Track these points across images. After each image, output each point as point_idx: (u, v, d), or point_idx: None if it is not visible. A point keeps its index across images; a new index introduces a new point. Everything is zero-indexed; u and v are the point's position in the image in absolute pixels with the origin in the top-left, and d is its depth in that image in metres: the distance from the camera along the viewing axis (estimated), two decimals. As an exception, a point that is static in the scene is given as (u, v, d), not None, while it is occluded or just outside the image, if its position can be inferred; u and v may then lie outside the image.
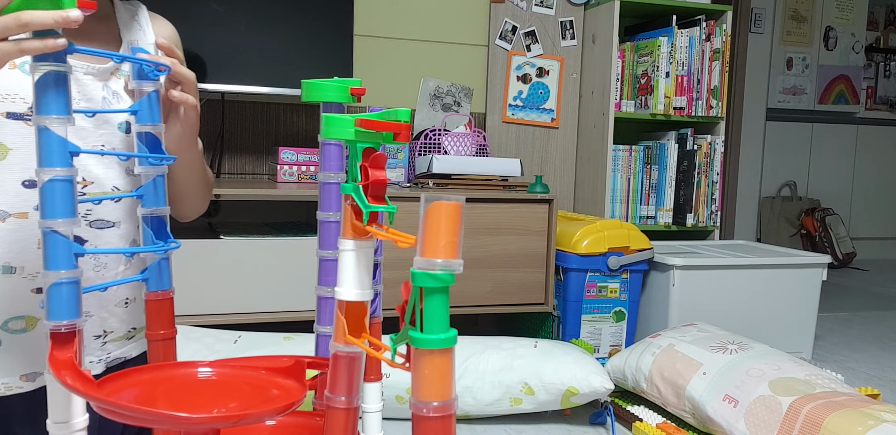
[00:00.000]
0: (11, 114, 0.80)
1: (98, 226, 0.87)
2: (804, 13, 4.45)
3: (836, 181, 4.68)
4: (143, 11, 0.96)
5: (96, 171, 0.86)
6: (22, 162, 0.81)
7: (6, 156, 0.80)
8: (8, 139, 0.80)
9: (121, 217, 0.89)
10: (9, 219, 0.81)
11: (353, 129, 0.67)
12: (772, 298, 2.29)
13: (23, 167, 0.81)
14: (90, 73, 0.85)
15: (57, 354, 0.66)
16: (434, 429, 0.57)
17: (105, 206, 0.86)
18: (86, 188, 0.86)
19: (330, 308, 0.88)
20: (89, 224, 0.86)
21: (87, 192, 0.86)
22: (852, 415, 1.39)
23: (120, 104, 0.88)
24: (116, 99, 0.88)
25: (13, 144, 0.80)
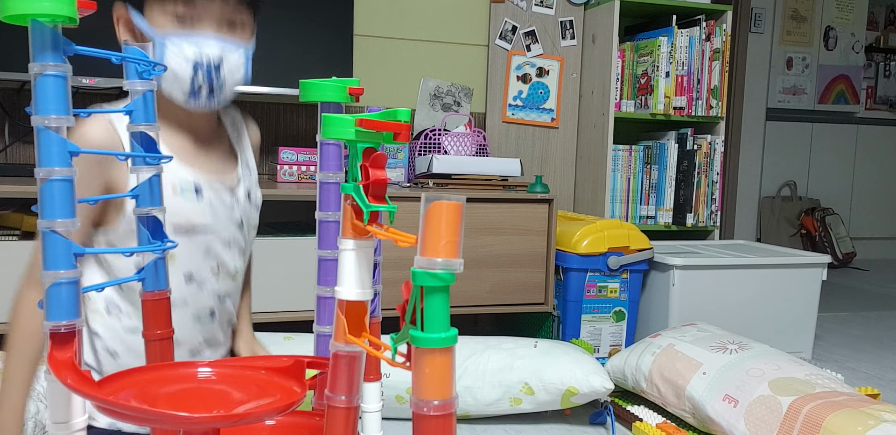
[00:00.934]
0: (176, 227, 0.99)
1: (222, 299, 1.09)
2: (804, 13, 4.45)
3: (836, 181, 4.68)
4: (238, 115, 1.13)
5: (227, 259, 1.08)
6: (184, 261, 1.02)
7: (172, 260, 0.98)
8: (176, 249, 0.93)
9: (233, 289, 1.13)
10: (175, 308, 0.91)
11: (353, 128, 0.67)
12: (772, 298, 2.29)
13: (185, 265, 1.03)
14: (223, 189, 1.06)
15: (57, 354, 0.66)
16: (435, 428, 0.57)
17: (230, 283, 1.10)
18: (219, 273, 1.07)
19: (330, 308, 0.87)
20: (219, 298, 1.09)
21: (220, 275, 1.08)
22: (852, 415, 1.38)
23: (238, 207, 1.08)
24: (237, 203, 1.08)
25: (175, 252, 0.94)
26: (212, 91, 0.95)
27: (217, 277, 1.07)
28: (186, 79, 0.93)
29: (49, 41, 0.66)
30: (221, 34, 0.95)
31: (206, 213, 1.02)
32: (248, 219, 1.11)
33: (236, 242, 1.08)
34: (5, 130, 2.20)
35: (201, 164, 1.02)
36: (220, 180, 1.04)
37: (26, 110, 0.68)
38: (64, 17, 0.66)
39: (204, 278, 1.06)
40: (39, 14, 0.65)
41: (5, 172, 1.96)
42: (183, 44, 0.92)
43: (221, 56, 0.94)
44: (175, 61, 0.92)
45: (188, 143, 1.03)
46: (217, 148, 1.06)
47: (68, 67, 0.68)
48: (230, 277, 1.09)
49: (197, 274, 1.04)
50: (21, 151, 2.21)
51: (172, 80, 0.94)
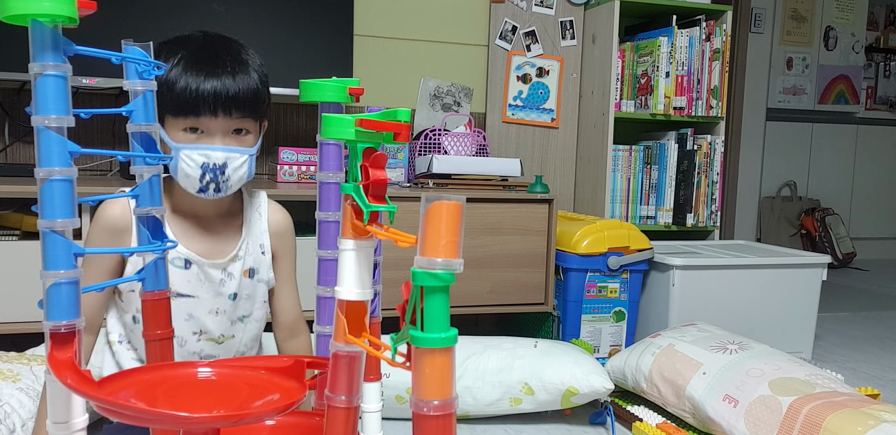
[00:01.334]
0: None
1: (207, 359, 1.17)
2: (804, 13, 4.45)
3: (836, 181, 4.68)
4: (264, 203, 1.28)
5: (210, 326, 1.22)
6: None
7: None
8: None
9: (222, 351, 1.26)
10: None
11: (353, 128, 0.67)
12: (772, 298, 2.29)
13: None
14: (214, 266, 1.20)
15: (57, 354, 0.66)
16: (435, 427, 0.57)
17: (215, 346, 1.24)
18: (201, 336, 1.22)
19: (330, 308, 0.87)
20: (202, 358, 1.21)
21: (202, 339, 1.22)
22: (852, 415, 1.38)
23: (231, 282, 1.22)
24: (230, 278, 1.22)
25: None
26: (218, 187, 1.12)
27: (198, 338, 1.22)
28: (196, 178, 1.10)
29: (49, 41, 0.66)
30: (226, 143, 1.12)
31: (191, 283, 1.19)
32: (248, 292, 1.25)
33: (225, 313, 1.22)
34: (5, 130, 2.20)
35: (196, 243, 1.20)
36: (211, 258, 1.20)
37: (26, 110, 0.68)
38: (64, 17, 0.66)
39: (185, 338, 1.21)
40: (39, 14, 0.65)
41: (5, 172, 1.96)
42: (193, 153, 1.09)
43: (226, 160, 1.11)
44: (186, 165, 1.10)
45: (189, 225, 1.20)
46: (220, 230, 1.23)
47: (68, 67, 0.68)
48: (215, 341, 1.24)
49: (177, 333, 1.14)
50: (21, 151, 2.21)
51: (185, 179, 1.11)
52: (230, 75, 1.12)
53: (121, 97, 2.23)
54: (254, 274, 1.25)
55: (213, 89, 1.10)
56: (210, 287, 1.20)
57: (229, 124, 1.12)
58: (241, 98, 1.12)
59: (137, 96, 0.82)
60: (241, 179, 1.15)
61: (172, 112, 1.10)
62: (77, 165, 0.69)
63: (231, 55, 1.14)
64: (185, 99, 1.09)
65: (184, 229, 1.20)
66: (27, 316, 1.69)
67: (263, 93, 1.17)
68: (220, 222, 1.23)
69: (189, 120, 1.10)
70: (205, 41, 1.17)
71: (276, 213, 1.30)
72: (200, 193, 1.13)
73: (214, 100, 1.10)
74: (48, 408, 0.68)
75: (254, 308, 1.27)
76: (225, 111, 1.11)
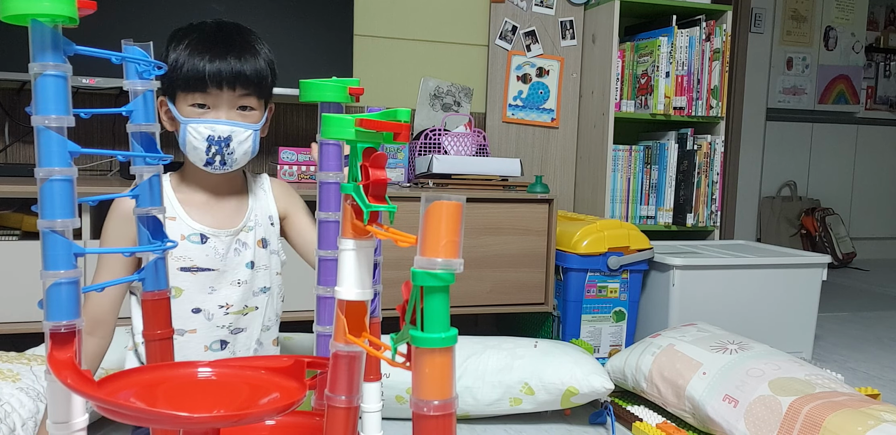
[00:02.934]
0: (184, 268, 1.23)
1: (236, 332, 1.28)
2: (804, 13, 4.45)
3: (836, 181, 4.68)
4: (266, 181, 1.36)
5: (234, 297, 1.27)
6: (190, 297, 1.24)
7: (181, 295, 1.23)
8: (182, 284, 1.23)
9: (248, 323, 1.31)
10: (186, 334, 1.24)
11: (353, 128, 0.67)
12: (772, 298, 2.29)
13: (191, 301, 1.24)
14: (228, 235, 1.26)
15: (57, 353, 0.66)
16: (435, 427, 0.57)
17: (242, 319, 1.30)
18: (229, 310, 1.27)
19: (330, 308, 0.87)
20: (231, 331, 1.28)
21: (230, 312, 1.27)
22: (852, 415, 1.38)
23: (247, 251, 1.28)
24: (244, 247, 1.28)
25: (185, 287, 1.23)
26: (224, 160, 1.19)
27: (226, 311, 1.27)
28: (202, 150, 1.18)
29: (49, 41, 0.66)
30: (231, 117, 1.19)
31: (209, 257, 1.25)
32: (264, 263, 1.31)
33: (246, 282, 1.28)
34: (5, 130, 2.20)
35: (210, 216, 1.26)
36: (226, 229, 1.26)
37: (26, 110, 0.68)
38: (64, 17, 0.66)
39: (212, 312, 1.26)
40: (39, 14, 0.65)
41: (5, 172, 1.96)
42: (199, 126, 1.17)
43: (230, 134, 1.18)
44: (193, 137, 1.17)
45: (199, 201, 1.27)
46: (229, 202, 1.29)
47: (68, 67, 0.68)
48: (241, 313, 1.29)
49: (204, 307, 1.26)
50: (21, 151, 2.21)
51: (192, 152, 1.19)
52: (236, 55, 1.19)
53: (121, 97, 2.23)
54: (266, 244, 1.31)
55: (220, 65, 1.17)
56: (227, 258, 1.26)
57: (234, 100, 1.19)
58: (245, 75, 1.19)
59: (137, 96, 0.82)
60: (245, 154, 1.21)
61: (181, 87, 1.17)
62: (77, 165, 0.69)
63: (241, 37, 1.24)
64: (193, 74, 1.16)
65: (194, 205, 1.26)
66: (27, 316, 1.69)
67: (268, 75, 1.25)
68: (227, 198, 1.30)
69: (196, 95, 1.17)
70: (217, 26, 1.26)
71: (279, 186, 1.38)
72: (207, 167, 1.20)
73: (219, 74, 1.17)
74: (48, 408, 0.68)
75: (272, 281, 1.33)
76: (230, 85, 1.18)
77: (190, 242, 1.23)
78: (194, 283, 1.24)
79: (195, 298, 1.24)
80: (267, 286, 1.32)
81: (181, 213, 1.24)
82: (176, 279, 1.22)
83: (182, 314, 1.23)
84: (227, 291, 1.26)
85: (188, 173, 1.27)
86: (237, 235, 1.28)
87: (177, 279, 1.22)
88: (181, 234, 1.23)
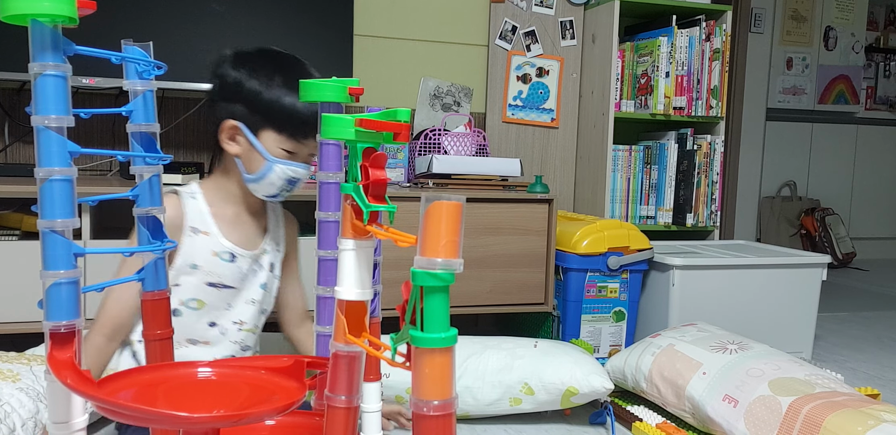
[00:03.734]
0: (211, 283, 1.28)
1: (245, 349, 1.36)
2: (804, 13, 4.45)
3: (836, 181, 4.68)
4: (280, 211, 1.43)
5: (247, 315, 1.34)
6: (210, 311, 1.29)
7: (202, 308, 1.28)
8: (206, 298, 1.28)
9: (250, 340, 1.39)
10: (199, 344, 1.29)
11: (353, 128, 0.67)
12: (772, 298, 2.29)
13: (210, 315, 1.30)
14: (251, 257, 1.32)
15: (57, 354, 0.66)
16: (435, 427, 0.57)
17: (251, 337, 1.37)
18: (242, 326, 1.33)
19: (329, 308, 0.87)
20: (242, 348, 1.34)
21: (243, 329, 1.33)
22: (852, 415, 1.38)
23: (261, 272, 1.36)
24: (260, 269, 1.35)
25: (207, 301, 1.29)
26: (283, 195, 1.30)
27: (239, 328, 1.32)
28: (276, 187, 1.27)
29: (49, 41, 0.66)
30: (307, 162, 1.29)
31: (234, 274, 1.30)
32: (271, 285, 1.37)
33: (258, 302, 1.34)
34: (5, 130, 2.20)
35: (236, 234, 1.31)
36: (249, 250, 1.32)
37: (26, 110, 0.68)
38: (64, 17, 0.66)
39: (226, 327, 1.30)
40: (39, 14, 0.65)
41: (5, 172, 1.96)
42: (287, 168, 1.25)
43: (303, 177, 1.29)
44: (277, 177, 1.25)
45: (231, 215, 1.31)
46: (252, 225, 1.35)
47: (68, 67, 0.68)
48: (251, 331, 1.34)
49: (219, 322, 1.29)
50: (21, 151, 2.21)
51: (266, 186, 1.26)
52: None
53: (121, 97, 2.23)
54: (273, 268, 1.38)
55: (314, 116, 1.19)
56: (247, 278, 1.32)
57: (313, 149, 1.28)
58: None
59: (137, 96, 0.82)
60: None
61: (278, 129, 1.23)
62: (77, 165, 0.69)
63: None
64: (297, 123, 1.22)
65: (225, 221, 1.31)
66: (27, 316, 1.69)
67: None
68: (251, 220, 1.36)
69: (292, 142, 1.25)
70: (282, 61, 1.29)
71: (290, 222, 1.46)
72: (267, 197, 1.28)
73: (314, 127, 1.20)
74: (48, 408, 0.68)
75: (271, 301, 1.39)
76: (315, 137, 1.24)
77: (220, 259, 1.28)
78: (217, 298, 1.29)
79: (214, 312, 1.29)
80: (267, 308, 1.38)
81: (214, 229, 1.28)
82: (202, 292, 1.27)
83: (199, 326, 1.28)
84: (242, 309, 1.32)
85: (225, 189, 1.31)
86: (258, 259, 1.34)
87: (203, 292, 1.27)
88: (213, 250, 1.27)
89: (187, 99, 2.29)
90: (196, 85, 2.14)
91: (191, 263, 1.26)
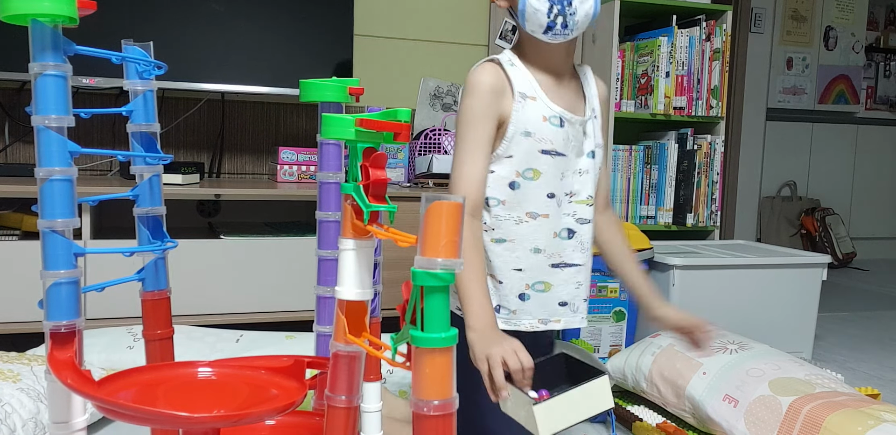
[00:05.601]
0: (545, 151, 1.19)
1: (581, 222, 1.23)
2: (804, 13, 4.45)
3: (836, 181, 4.68)
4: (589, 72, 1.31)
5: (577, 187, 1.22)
6: (547, 181, 1.19)
7: (539, 177, 1.19)
8: (541, 167, 1.18)
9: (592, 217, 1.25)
10: (539, 218, 1.19)
11: (354, 128, 0.67)
12: (772, 298, 2.28)
13: (547, 185, 1.19)
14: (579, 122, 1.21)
15: (57, 353, 0.66)
16: (435, 427, 0.57)
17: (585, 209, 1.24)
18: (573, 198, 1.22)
19: (330, 308, 0.87)
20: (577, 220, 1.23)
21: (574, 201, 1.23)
22: (852, 415, 1.38)
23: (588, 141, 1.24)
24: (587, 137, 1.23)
25: (543, 170, 1.18)
26: (565, 22, 1.13)
27: (570, 199, 1.22)
28: (544, 12, 1.11)
29: (49, 41, 0.66)
30: None
31: (564, 141, 1.20)
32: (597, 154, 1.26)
33: (587, 172, 1.24)
34: (5, 130, 2.20)
35: (561, 99, 1.21)
36: (574, 115, 1.22)
37: (26, 110, 0.68)
38: (64, 17, 0.66)
39: (561, 199, 1.22)
40: (39, 14, 0.65)
41: (5, 172, 1.96)
42: None
43: None
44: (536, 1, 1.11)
45: (550, 80, 1.21)
46: (570, 88, 1.24)
47: (68, 67, 0.68)
48: (585, 203, 1.24)
49: (557, 193, 1.21)
50: (21, 151, 2.21)
51: (532, 16, 1.12)
52: None
53: (121, 97, 2.23)
54: (596, 136, 1.26)
55: None
56: (575, 145, 1.22)
57: None
58: None
59: (137, 96, 0.82)
60: (587, 16, 1.15)
61: None
62: (77, 165, 0.69)
63: None
64: None
65: (548, 86, 1.21)
66: (27, 316, 1.69)
67: None
68: (569, 82, 1.25)
69: None
70: None
71: (600, 82, 1.32)
72: (547, 33, 1.14)
73: None
74: (49, 408, 0.68)
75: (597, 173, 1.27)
76: None
77: (551, 124, 1.19)
78: (552, 166, 1.20)
79: (552, 182, 1.20)
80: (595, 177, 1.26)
81: (541, 93, 1.19)
82: (537, 161, 1.19)
83: (538, 198, 1.19)
84: (572, 179, 1.22)
85: (530, 53, 1.21)
86: (585, 124, 1.24)
87: (537, 161, 1.19)
88: (543, 115, 1.19)
89: (187, 99, 2.29)
90: (196, 85, 2.14)
91: (523, 129, 1.18)
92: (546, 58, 1.21)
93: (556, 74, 1.23)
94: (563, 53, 1.22)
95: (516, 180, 1.19)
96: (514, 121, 1.17)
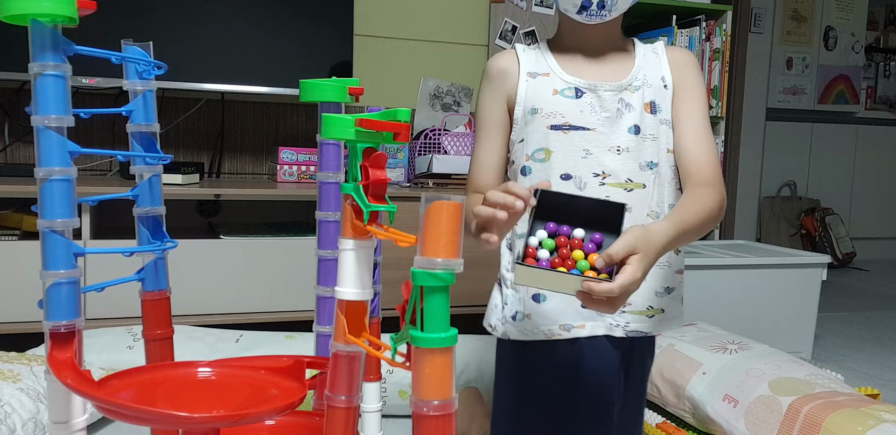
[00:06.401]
0: (554, 126, 1.11)
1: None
2: (804, 13, 4.45)
3: (836, 181, 4.68)
4: (660, 45, 1.20)
5: (613, 166, 1.10)
6: (561, 161, 1.10)
7: (549, 157, 1.11)
8: (552, 145, 1.10)
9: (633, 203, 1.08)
10: None
11: (353, 128, 0.67)
12: (772, 298, 2.28)
13: (561, 165, 1.10)
14: (609, 90, 1.12)
15: (57, 354, 0.66)
16: (434, 427, 0.57)
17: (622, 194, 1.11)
18: (605, 179, 1.10)
19: (329, 308, 0.87)
20: None
21: (607, 183, 1.10)
22: (852, 415, 1.38)
23: (630, 114, 1.11)
24: (628, 109, 1.12)
25: (554, 149, 1.10)
26: (602, 2, 1.07)
27: (601, 181, 1.10)
28: None
29: (49, 41, 0.66)
30: None
31: (584, 113, 1.11)
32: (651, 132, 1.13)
33: (628, 151, 1.11)
34: (5, 130, 2.20)
35: (588, 71, 1.14)
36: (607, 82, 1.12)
37: (26, 110, 0.68)
38: (64, 17, 0.66)
39: (585, 181, 1.10)
40: (39, 14, 0.65)
41: (5, 172, 1.96)
42: None
43: None
44: None
45: (579, 57, 1.15)
46: (610, 59, 1.16)
47: (68, 67, 0.68)
48: (622, 187, 1.11)
49: (574, 174, 1.11)
50: (21, 151, 2.21)
51: None
52: None
53: (121, 97, 2.23)
54: (656, 110, 1.14)
55: None
56: (606, 118, 1.11)
57: None
58: None
59: (137, 96, 0.82)
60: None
61: None
62: (77, 165, 0.69)
63: None
64: None
65: (570, 61, 1.15)
66: (27, 316, 1.69)
67: None
68: (609, 55, 1.16)
69: None
70: None
71: (675, 49, 1.22)
72: (582, 13, 1.08)
73: None
74: (48, 408, 0.68)
75: (660, 157, 1.14)
76: None
77: (563, 96, 1.12)
78: (565, 143, 1.10)
79: (566, 162, 1.10)
80: (654, 162, 1.13)
81: (556, 68, 1.13)
82: (546, 139, 1.11)
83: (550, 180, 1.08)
84: (604, 158, 1.10)
85: (565, 33, 1.16)
86: (620, 93, 1.12)
87: (547, 139, 1.11)
88: (553, 89, 1.12)
89: (187, 99, 2.29)
90: (196, 85, 2.14)
91: (530, 107, 1.12)
92: (581, 39, 1.15)
93: (586, 51, 1.16)
94: (601, 35, 1.15)
95: (527, 165, 1.12)
96: (520, 101, 1.13)
